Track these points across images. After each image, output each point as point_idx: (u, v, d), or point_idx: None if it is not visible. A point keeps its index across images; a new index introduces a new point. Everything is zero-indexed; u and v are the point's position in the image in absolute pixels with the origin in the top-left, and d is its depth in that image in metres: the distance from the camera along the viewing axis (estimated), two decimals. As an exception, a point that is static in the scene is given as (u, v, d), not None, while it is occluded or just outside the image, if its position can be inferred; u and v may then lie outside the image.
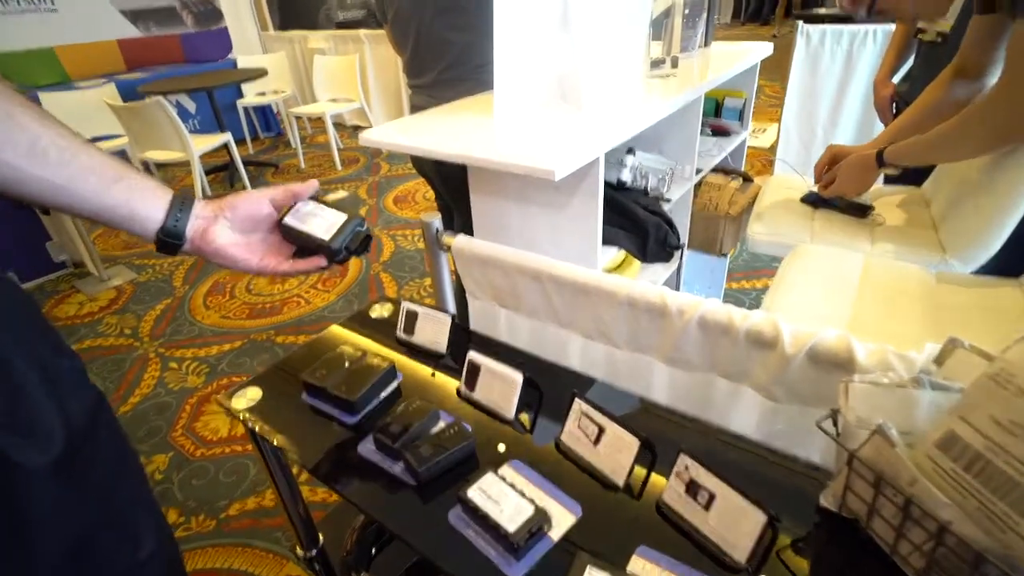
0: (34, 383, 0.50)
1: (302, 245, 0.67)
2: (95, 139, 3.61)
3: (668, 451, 0.59)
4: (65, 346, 0.59)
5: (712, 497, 0.54)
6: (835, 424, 0.56)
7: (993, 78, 1.05)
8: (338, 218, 0.67)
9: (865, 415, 0.53)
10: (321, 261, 0.67)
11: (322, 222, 0.66)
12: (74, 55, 4.30)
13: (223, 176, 4.19)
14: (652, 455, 0.61)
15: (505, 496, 0.57)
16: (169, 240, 0.58)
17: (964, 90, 1.11)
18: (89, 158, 0.53)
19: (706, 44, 1.60)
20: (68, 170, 0.52)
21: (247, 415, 0.75)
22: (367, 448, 0.67)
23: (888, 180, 1.17)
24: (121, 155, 3.54)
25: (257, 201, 0.65)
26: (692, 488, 0.55)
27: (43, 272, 2.89)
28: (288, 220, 0.66)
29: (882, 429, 0.48)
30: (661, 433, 0.65)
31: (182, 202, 0.59)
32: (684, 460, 0.56)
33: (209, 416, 1.88)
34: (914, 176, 1.23)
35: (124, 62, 4.63)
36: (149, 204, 0.57)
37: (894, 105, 1.63)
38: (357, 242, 0.68)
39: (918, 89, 1.07)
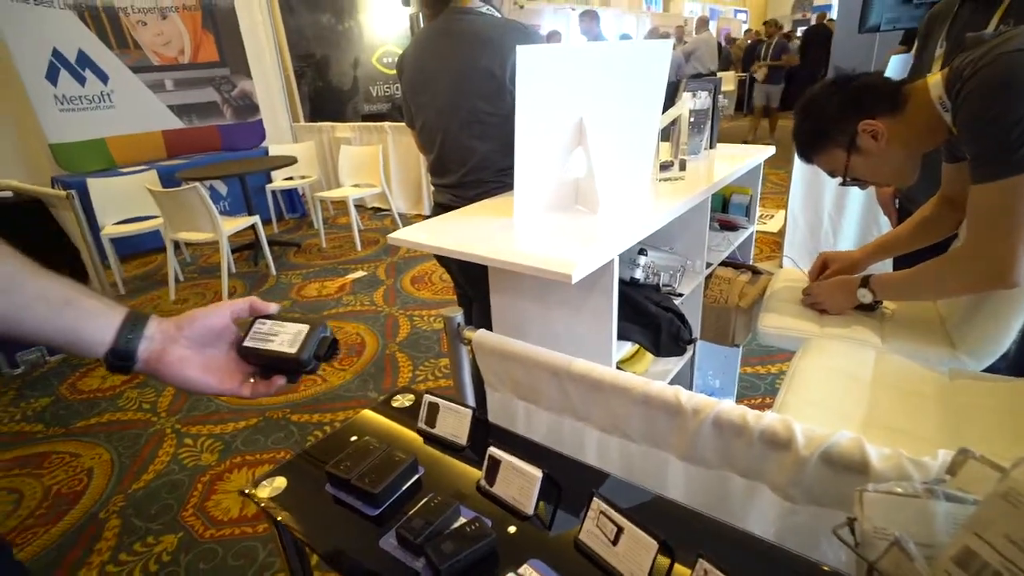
0: None
1: (266, 365, 0.66)
2: (133, 220, 3.84)
3: (687, 550, 0.60)
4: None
5: (733, 605, 0.54)
6: (852, 531, 0.57)
7: None
8: (300, 329, 0.66)
9: (882, 524, 0.54)
10: (281, 380, 0.66)
11: (285, 337, 0.65)
12: (122, 144, 4.64)
13: (248, 254, 4.36)
14: (671, 557, 0.62)
15: (526, 599, 0.57)
16: (119, 362, 0.56)
17: (952, 215, 1.20)
18: (36, 286, 0.52)
19: (712, 146, 1.71)
20: (12, 300, 0.50)
21: (271, 505, 0.77)
22: (389, 543, 0.68)
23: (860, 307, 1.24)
24: (155, 235, 3.74)
25: (216, 313, 0.63)
26: (712, 595, 0.55)
27: (69, 346, 2.97)
28: (249, 343, 0.65)
29: (900, 542, 0.49)
30: (678, 531, 0.66)
31: (134, 322, 0.57)
32: (703, 565, 0.57)
33: (220, 495, 1.86)
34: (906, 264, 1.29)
35: (166, 150, 4.97)
36: (98, 324, 0.55)
37: (896, 201, 1.71)
38: (324, 348, 0.66)
39: (914, 186, 1.15)
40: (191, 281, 3.99)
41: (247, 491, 0.80)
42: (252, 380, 0.66)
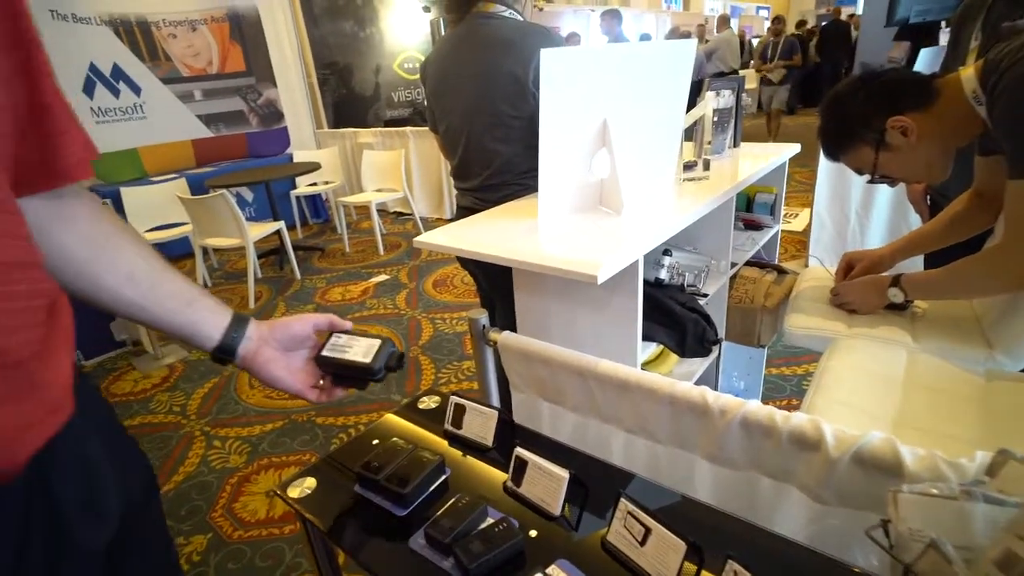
0: (108, 470, 0.55)
1: (340, 373, 0.75)
2: (163, 227, 3.94)
3: (715, 552, 0.59)
4: (125, 429, 0.65)
5: (763, 607, 0.53)
6: (886, 533, 0.56)
7: None
8: (373, 343, 0.75)
9: (917, 526, 0.53)
10: (341, 392, 0.76)
11: (359, 349, 0.74)
12: (153, 154, 4.78)
13: (273, 259, 4.45)
14: (700, 559, 0.61)
15: (554, 598, 0.57)
16: (223, 356, 0.67)
17: (985, 210, 1.17)
18: (171, 284, 0.62)
19: (735, 144, 1.69)
20: (153, 294, 0.61)
21: (301, 504, 0.78)
22: (418, 543, 0.69)
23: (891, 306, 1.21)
24: (184, 242, 3.83)
25: (301, 322, 0.73)
26: (742, 597, 0.55)
27: (105, 350, 3.06)
28: (327, 353, 0.74)
29: (936, 545, 0.48)
30: (706, 532, 0.65)
31: (238, 324, 0.68)
32: (732, 566, 0.56)
33: (248, 497, 1.90)
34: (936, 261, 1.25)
35: (195, 158, 5.10)
36: (212, 323, 0.66)
37: (928, 197, 1.67)
38: (394, 360, 0.76)
39: (946, 180, 1.12)
40: (218, 286, 4.08)
41: (277, 491, 0.82)
42: (320, 386, 0.74)
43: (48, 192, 0.54)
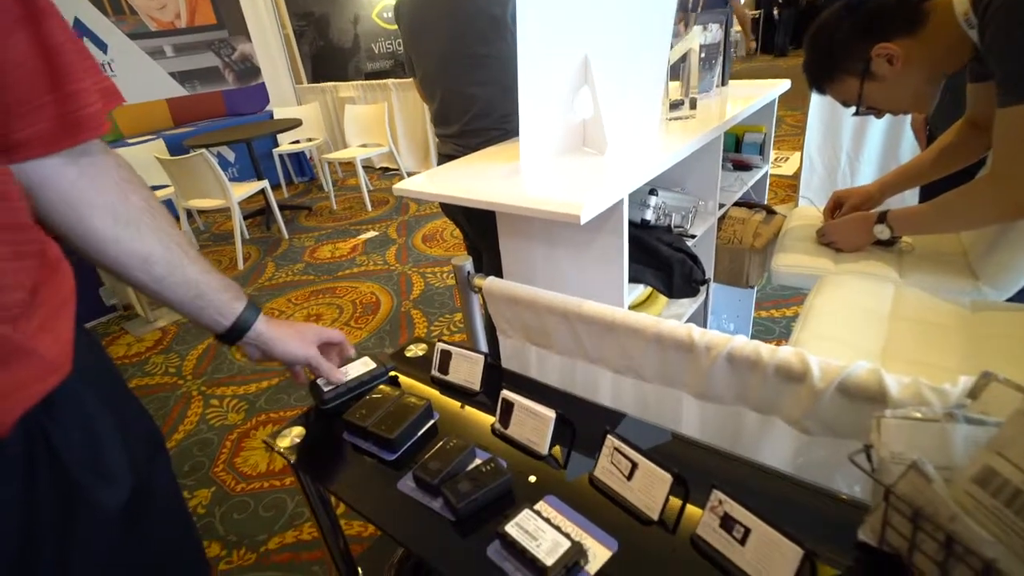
0: (111, 428, 0.54)
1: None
2: (143, 190, 3.84)
3: (701, 484, 0.60)
4: (129, 390, 0.64)
5: (747, 532, 0.54)
6: (869, 459, 0.56)
7: None
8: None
9: (899, 450, 0.54)
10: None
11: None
12: (128, 115, 4.62)
13: (260, 220, 4.38)
14: (685, 490, 0.62)
15: (542, 531, 0.58)
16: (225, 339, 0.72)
17: (977, 140, 1.14)
18: (183, 275, 0.62)
19: (723, 83, 1.64)
20: (163, 284, 0.61)
21: (291, 453, 0.79)
22: (407, 485, 0.70)
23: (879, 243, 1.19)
24: (167, 205, 3.75)
25: (296, 350, 0.78)
26: (727, 523, 0.56)
27: (95, 315, 3.04)
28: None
29: (917, 465, 0.49)
30: (693, 466, 0.66)
31: (245, 318, 0.71)
32: (717, 495, 0.57)
33: (248, 452, 1.93)
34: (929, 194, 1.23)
35: (172, 119, 4.94)
36: (218, 316, 0.69)
37: (927, 127, 1.64)
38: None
39: (939, 110, 1.09)
40: (206, 248, 4.02)
41: (266, 440, 0.82)
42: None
43: (66, 151, 0.50)
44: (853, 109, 1.10)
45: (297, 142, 5.00)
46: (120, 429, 0.56)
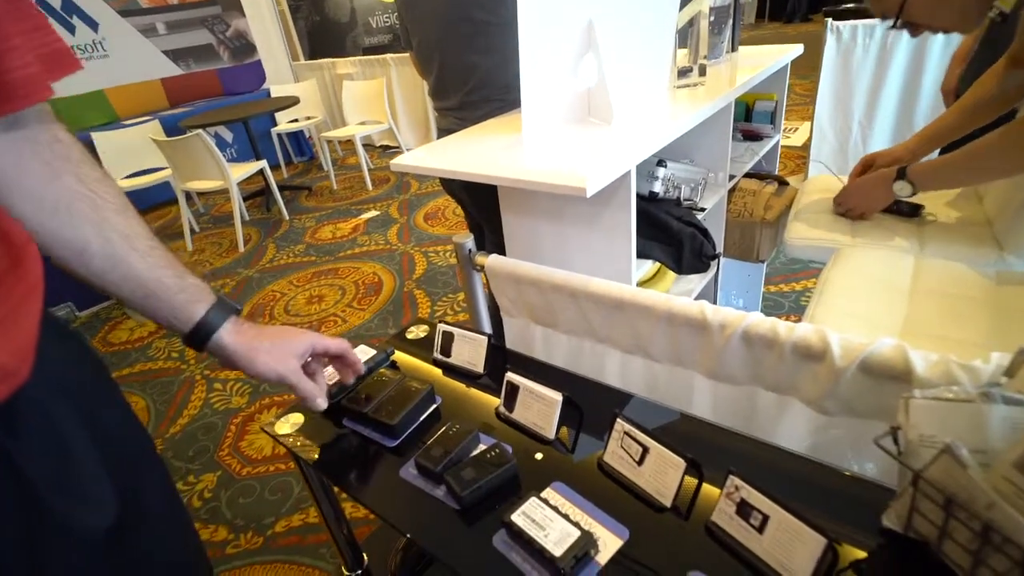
0: (86, 442, 0.50)
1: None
2: (142, 172, 3.80)
3: (715, 468, 0.57)
4: (116, 394, 0.59)
5: (766, 519, 0.51)
6: (895, 441, 0.53)
7: None
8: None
9: (929, 432, 0.51)
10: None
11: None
12: (122, 96, 4.53)
13: (260, 201, 4.33)
14: (699, 475, 0.59)
15: (550, 520, 0.56)
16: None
17: (1018, 81, 1.05)
18: (128, 272, 0.54)
19: (733, 49, 1.57)
20: (105, 280, 0.53)
21: (290, 440, 0.76)
22: (409, 472, 0.67)
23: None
24: (166, 187, 3.70)
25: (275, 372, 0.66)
26: (743, 510, 0.53)
27: (98, 300, 3.02)
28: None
29: (951, 449, 0.45)
30: (706, 449, 0.63)
31: (203, 334, 0.60)
32: (734, 481, 0.54)
33: (253, 436, 1.92)
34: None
35: (167, 99, 4.85)
36: (173, 323, 0.59)
37: (957, 94, 1.55)
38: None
39: (973, 71, 1.01)
40: (206, 231, 3.99)
41: (265, 428, 0.79)
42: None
43: None
44: (890, 23, 0.99)
45: (295, 120, 4.92)
46: (99, 443, 0.51)
